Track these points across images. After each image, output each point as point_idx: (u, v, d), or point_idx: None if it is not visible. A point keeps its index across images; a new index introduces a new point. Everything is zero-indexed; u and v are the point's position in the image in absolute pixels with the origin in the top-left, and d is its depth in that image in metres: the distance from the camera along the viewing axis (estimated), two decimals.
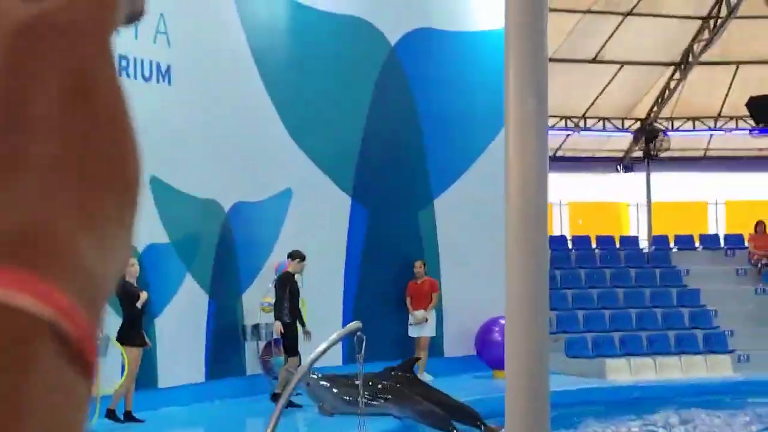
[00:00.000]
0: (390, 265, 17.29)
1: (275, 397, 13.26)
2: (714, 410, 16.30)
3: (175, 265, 14.86)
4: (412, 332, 17.42)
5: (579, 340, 19.91)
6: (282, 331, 14.57)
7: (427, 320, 17.35)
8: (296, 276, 14.93)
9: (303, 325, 14.72)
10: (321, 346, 7.53)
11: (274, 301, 14.83)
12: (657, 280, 22.62)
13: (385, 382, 13.64)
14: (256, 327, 15.89)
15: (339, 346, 15.42)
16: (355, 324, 8.03)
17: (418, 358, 15.41)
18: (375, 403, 13.33)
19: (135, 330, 12.97)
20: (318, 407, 13.62)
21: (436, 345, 18.16)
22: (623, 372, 19.10)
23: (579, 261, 23.10)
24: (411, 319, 17.39)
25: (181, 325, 14.70)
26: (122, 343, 12.85)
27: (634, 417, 15.87)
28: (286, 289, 14.68)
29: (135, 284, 13.05)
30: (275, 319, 14.73)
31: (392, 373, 13.89)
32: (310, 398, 13.79)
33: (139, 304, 12.88)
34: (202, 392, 14.65)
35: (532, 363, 2.67)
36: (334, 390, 13.44)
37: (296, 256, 15.00)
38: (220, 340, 15.22)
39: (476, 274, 17.75)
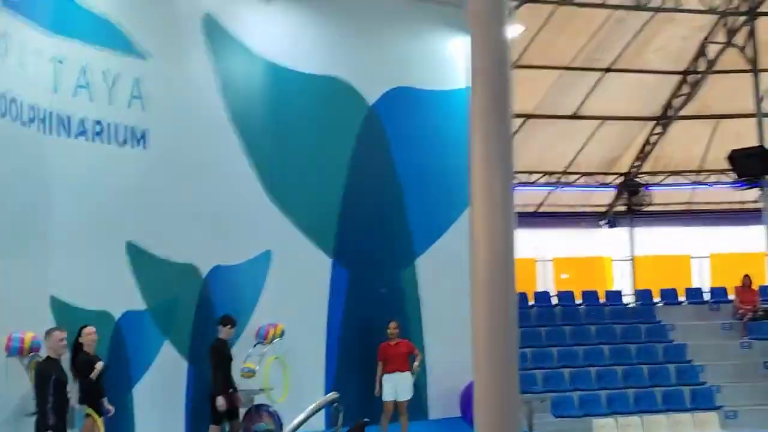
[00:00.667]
0: (372, 326, 17.04)
1: None
2: None
3: (153, 332, 14.62)
4: (386, 397, 16.63)
5: (566, 399, 19.69)
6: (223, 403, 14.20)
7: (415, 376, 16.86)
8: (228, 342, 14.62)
9: (235, 390, 14.46)
10: (299, 417, 7.38)
11: (214, 374, 14.43)
12: (642, 335, 22.45)
13: None
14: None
15: (321, 412, 15.13)
16: (332, 395, 7.85)
17: (368, 421, 14.67)
18: None
19: (92, 400, 12.53)
20: None
21: (419, 407, 17.89)
22: (611, 431, 18.86)
23: (564, 317, 22.93)
24: (384, 384, 16.71)
25: (160, 393, 14.43)
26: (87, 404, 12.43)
27: None
28: (220, 357, 14.40)
29: (92, 353, 12.69)
30: (213, 393, 14.29)
31: None
32: None
33: (93, 375, 12.42)
34: None
35: (501, 418, 2.50)
36: None
37: (227, 322, 14.72)
38: (200, 408, 14.91)
39: (459, 333, 17.48)
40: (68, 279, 13.26)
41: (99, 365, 12.50)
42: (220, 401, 14.09)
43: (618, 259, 28.24)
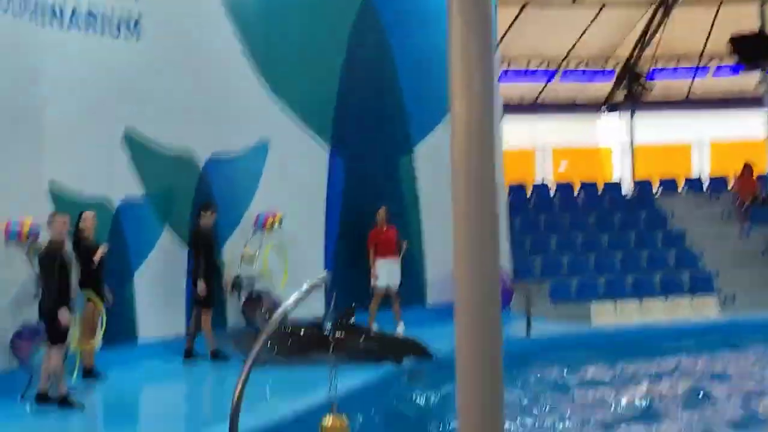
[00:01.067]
0: (370, 214, 17.07)
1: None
2: (699, 352, 16.22)
3: (152, 219, 14.68)
4: (381, 282, 16.72)
5: (564, 285, 19.82)
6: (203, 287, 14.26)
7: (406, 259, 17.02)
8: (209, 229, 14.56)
9: (219, 276, 14.57)
10: (290, 299, 7.37)
11: (192, 262, 14.44)
12: (642, 223, 22.51)
13: (316, 331, 13.63)
14: (236, 279, 15.72)
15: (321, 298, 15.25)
16: (322, 276, 7.84)
17: (355, 306, 14.80)
18: (306, 353, 13.40)
19: (93, 285, 12.60)
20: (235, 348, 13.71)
21: (418, 293, 18.03)
22: (608, 315, 19.03)
23: (562, 207, 22.97)
24: (376, 270, 16.82)
25: (160, 279, 14.54)
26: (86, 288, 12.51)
27: (620, 360, 15.78)
28: (201, 243, 14.40)
29: (92, 239, 12.72)
30: (193, 280, 14.31)
31: (328, 323, 13.84)
32: (236, 350, 13.79)
33: (96, 259, 12.48)
34: (182, 346, 14.47)
35: (481, 301, 2.49)
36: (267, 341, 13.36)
37: (207, 207, 14.61)
38: None
39: None
40: (66, 168, 13.26)
41: (102, 249, 12.55)
42: (201, 286, 14.14)
43: (617, 149, 28.20)
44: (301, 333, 13.95)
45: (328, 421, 6.68)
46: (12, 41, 12.56)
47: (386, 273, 16.74)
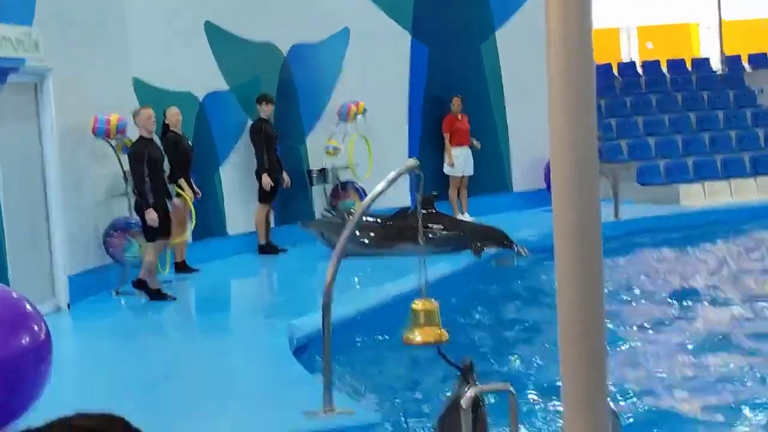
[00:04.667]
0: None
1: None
2: None
3: (237, 112, 14.72)
4: (456, 171, 16.72)
5: (651, 168, 19.54)
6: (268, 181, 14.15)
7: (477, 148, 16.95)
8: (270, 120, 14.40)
9: (282, 170, 14.44)
10: (378, 186, 7.37)
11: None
12: (731, 102, 22.01)
13: (401, 222, 13.61)
14: (321, 171, 15.78)
15: (405, 188, 15.24)
16: (412, 161, 7.79)
17: (436, 195, 14.69)
18: (392, 243, 13.42)
19: (183, 179, 12.72)
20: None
21: (503, 180, 17.94)
22: (698, 197, 18.76)
23: (649, 86, 22.51)
24: (451, 158, 16.70)
25: (246, 172, 14.61)
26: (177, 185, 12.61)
27: (710, 242, 15.61)
28: (261, 136, 14.28)
29: (179, 133, 12.80)
30: (258, 172, 14.20)
31: (408, 212, 13.81)
32: (321, 241, 13.81)
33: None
34: (271, 238, 14.60)
35: (579, 181, 2.42)
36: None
37: (262, 99, 14.36)
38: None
39: (543, 105, 17.29)
40: (150, 62, 13.32)
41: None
42: (266, 180, 14.13)
43: (705, 25, 27.45)
44: (387, 223, 13.99)
45: (419, 304, 6.75)
46: None
47: (462, 161, 16.73)
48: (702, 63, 24.14)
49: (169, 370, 8.90)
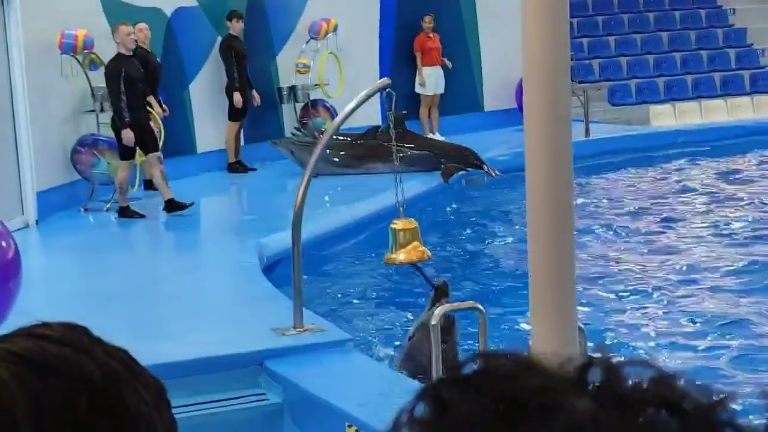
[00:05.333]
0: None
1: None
2: (762, 150, 16.01)
3: (206, 29, 14.55)
4: (427, 90, 16.68)
5: (623, 88, 19.54)
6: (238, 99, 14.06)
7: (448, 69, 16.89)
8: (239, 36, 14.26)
9: (251, 88, 14.36)
10: (350, 105, 7.34)
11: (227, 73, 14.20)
12: (702, 21, 21.96)
13: (372, 141, 13.57)
14: (292, 89, 15.67)
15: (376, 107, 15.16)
16: (383, 81, 7.75)
17: (407, 113, 14.54)
18: (360, 162, 13.40)
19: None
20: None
21: (474, 99, 17.88)
22: (668, 117, 18.80)
23: (621, 6, 22.40)
24: (422, 77, 16.64)
25: (215, 90, 14.48)
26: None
27: (680, 162, 15.68)
28: (231, 54, 14.18)
29: (147, 50, 12.63)
30: (226, 91, 14.12)
31: (379, 131, 13.68)
32: (292, 159, 13.77)
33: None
34: (241, 156, 14.55)
35: (550, 101, 2.41)
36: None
37: (232, 16, 14.20)
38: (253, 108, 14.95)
39: (516, 24, 17.18)
40: None
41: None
42: (237, 97, 14.03)
43: None
44: (357, 142, 13.94)
45: (399, 224, 6.78)
46: None
47: (434, 80, 16.66)
48: None
49: (138, 287, 8.89)
